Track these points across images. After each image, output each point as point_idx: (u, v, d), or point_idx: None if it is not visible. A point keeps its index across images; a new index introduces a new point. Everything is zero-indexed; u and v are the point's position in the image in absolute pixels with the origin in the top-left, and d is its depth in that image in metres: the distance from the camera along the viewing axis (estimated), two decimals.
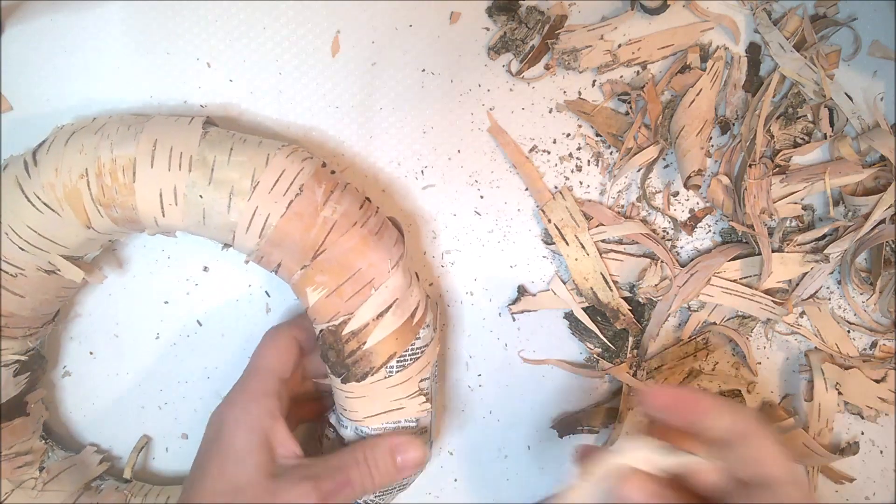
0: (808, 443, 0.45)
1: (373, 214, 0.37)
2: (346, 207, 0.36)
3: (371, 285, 0.36)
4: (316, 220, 0.35)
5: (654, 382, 0.46)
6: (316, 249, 0.36)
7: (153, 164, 0.35)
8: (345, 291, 0.36)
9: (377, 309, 0.36)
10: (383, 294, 0.36)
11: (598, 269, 0.44)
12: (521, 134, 0.43)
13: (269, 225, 0.35)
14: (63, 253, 0.37)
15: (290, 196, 0.35)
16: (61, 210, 0.35)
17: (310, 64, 0.42)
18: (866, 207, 0.43)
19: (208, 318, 0.44)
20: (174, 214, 0.35)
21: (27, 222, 0.35)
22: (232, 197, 0.35)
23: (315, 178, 0.36)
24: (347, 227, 0.36)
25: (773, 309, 0.44)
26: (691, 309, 0.46)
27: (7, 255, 0.36)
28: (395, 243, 0.38)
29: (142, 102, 0.41)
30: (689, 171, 0.42)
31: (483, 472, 0.47)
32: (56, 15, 0.40)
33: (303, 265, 0.36)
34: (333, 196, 0.36)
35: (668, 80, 0.43)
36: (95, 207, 0.35)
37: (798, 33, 0.43)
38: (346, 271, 0.36)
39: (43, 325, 0.40)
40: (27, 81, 0.41)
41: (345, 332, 0.36)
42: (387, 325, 0.36)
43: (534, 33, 0.42)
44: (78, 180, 0.35)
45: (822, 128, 0.44)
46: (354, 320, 0.36)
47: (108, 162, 0.35)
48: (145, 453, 0.45)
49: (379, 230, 0.37)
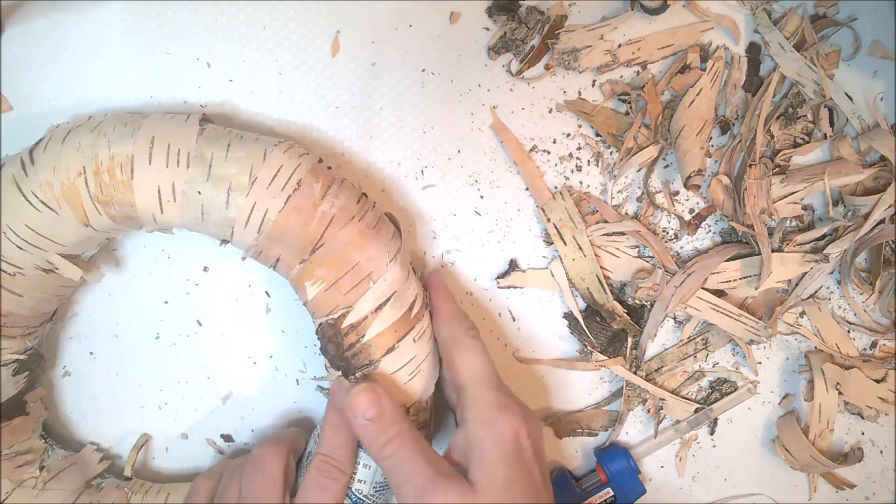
0: (813, 454, 0.45)
1: (370, 209, 0.37)
2: (344, 202, 0.36)
3: (369, 278, 0.36)
4: (314, 214, 0.35)
5: (653, 383, 0.46)
6: (314, 244, 0.36)
7: (151, 160, 0.35)
8: (343, 285, 0.36)
9: (376, 302, 0.36)
10: (381, 287, 0.36)
11: (593, 271, 0.44)
12: (521, 134, 0.43)
13: (267, 220, 0.35)
14: (61, 251, 0.37)
15: (289, 191, 0.35)
16: (59, 208, 0.35)
17: (310, 64, 0.42)
18: (866, 207, 0.43)
19: (208, 318, 0.44)
20: (173, 211, 0.35)
21: (25, 221, 0.35)
22: (230, 193, 0.35)
23: (312, 173, 0.36)
24: (345, 221, 0.36)
25: (757, 330, 0.44)
26: (677, 320, 0.46)
27: (5, 254, 0.36)
28: (393, 237, 0.38)
29: (142, 102, 0.41)
30: (689, 171, 0.42)
31: None
32: (56, 15, 0.40)
33: (301, 259, 0.36)
34: (331, 191, 0.36)
35: (668, 80, 0.43)
36: (94, 205, 0.35)
37: (798, 33, 0.43)
38: (344, 265, 0.36)
39: (41, 324, 0.40)
40: (27, 81, 0.41)
41: (344, 326, 0.36)
42: (385, 318, 0.37)
43: (534, 33, 0.42)
44: (76, 178, 0.35)
45: (822, 128, 0.44)
46: (353, 313, 0.36)
47: (105, 159, 0.35)
48: (145, 452, 0.45)
49: (377, 224, 0.37)
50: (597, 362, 0.45)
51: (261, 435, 0.46)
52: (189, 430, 0.45)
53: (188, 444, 0.45)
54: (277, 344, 0.45)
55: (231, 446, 0.46)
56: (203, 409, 0.45)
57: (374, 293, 0.36)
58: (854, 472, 0.48)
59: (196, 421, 0.45)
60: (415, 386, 0.38)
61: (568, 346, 0.46)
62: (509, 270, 0.45)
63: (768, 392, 0.47)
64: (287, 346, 0.45)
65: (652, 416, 0.47)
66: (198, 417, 0.45)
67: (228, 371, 0.45)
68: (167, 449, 0.45)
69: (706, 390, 0.47)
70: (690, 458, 0.48)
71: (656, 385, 0.46)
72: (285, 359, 0.45)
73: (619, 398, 0.46)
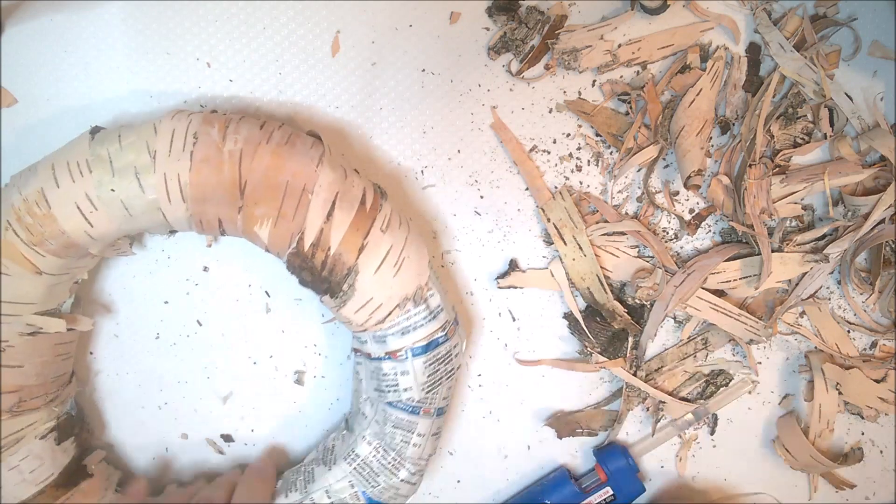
0: (813, 455, 0.45)
1: (276, 129, 0.37)
2: (247, 133, 0.36)
3: (305, 192, 0.36)
4: (222, 158, 0.35)
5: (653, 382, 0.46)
6: (239, 185, 0.35)
7: (58, 184, 0.35)
8: (287, 212, 0.36)
9: (323, 210, 0.36)
10: (321, 194, 0.36)
11: (594, 271, 0.44)
12: (521, 134, 0.43)
13: (184, 184, 0.35)
14: (36, 310, 0.37)
15: (189, 148, 0.35)
16: (7, 269, 0.35)
17: (310, 64, 0.42)
18: (866, 207, 0.43)
19: (208, 318, 0.44)
20: (100, 220, 0.35)
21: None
22: (139, 177, 0.35)
23: (205, 122, 0.36)
24: (255, 150, 0.35)
25: (757, 330, 0.44)
26: (677, 320, 0.46)
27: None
28: (312, 146, 0.37)
29: (142, 102, 0.41)
30: (689, 171, 0.42)
31: (483, 472, 0.47)
32: (56, 15, 0.40)
33: (238, 207, 0.36)
34: (230, 129, 0.36)
35: (668, 80, 0.43)
36: (32, 250, 0.35)
37: (798, 33, 0.43)
38: (276, 192, 0.35)
39: (61, 388, 0.40)
40: (27, 81, 0.41)
41: (306, 249, 0.36)
42: (341, 222, 0.36)
43: (534, 33, 0.42)
44: (6, 233, 0.35)
45: (822, 128, 0.44)
46: (308, 232, 0.36)
47: (21, 204, 0.35)
48: (145, 452, 0.45)
49: (288, 140, 0.37)
50: (597, 364, 0.45)
51: (261, 434, 0.46)
52: (189, 430, 0.45)
53: (188, 444, 0.45)
54: (277, 344, 0.45)
55: (231, 446, 0.46)
56: (203, 409, 0.45)
57: (316, 203, 0.36)
58: (854, 472, 0.48)
59: (196, 421, 0.45)
60: (407, 274, 0.37)
61: (568, 346, 0.46)
62: (509, 270, 0.45)
63: (768, 392, 0.47)
64: (287, 346, 0.45)
65: (651, 415, 0.47)
66: (198, 417, 0.45)
67: (228, 371, 0.45)
68: (167, 449, 0.45)
69: (702, 385, 0.47)
70: (690, 458, 0.48)
71: (656, 385, 0.46)
72: (285, 359, 0.45)
73: (619, 398, 0.46)
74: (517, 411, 0.46)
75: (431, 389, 0.39)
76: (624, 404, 0.46)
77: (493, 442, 0.47)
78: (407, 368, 0.38)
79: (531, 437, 0.47)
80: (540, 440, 0.47)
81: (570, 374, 0.46)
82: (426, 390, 0.39)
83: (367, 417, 0.40)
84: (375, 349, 0.39)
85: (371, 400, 0.40)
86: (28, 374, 0.37)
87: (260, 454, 0.46)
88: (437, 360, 0.39)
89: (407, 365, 0.38)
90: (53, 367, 0.39)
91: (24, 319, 0.37)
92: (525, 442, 0.47)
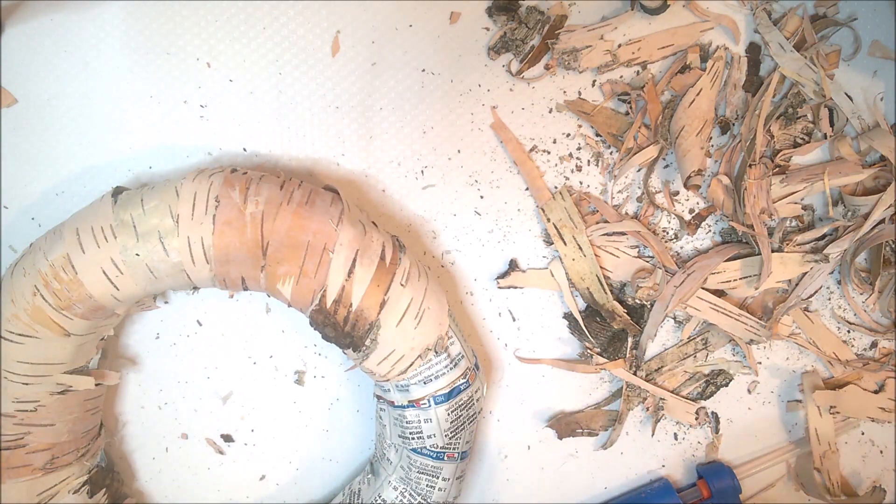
0: (833, 494, 0.46)
1: (296, 188, 0.37)
2: (267, 194, 0.36)
3: (326, 250, 0.36)
4: (244, 220, 0.36)
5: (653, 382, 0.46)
6: (262, 246, 0.36)
7: (84, 249, 0.35)
8: (308, 270, 0.36)
9: (344, 268, 0.36)
10: (342, 252, 0.36)
11: (593, 271, 0.44)
12: (521, 134, 0.43)
13: (207, 247, 0.35)
14: (65, 370, 0.38)
15: (212, 211, 0.36)
16: (36, 332, 0.36)
17: (310, 64, 0.42)
18: (866, 207, 0.43)
19: (208, 318, 0.44)
20: (126, 283, 0.36)
21: (16, 359, 0.36)
22: (163, 241, 0.35)
23: (226, 184, 0.36)
24: (276, 211, 0.36)
25: (757, 330, 0.45)
26: (677, 320, 0.46)
27: (18, 394, 0.37)
28: (332, 203, 0.38)
29: (142, 102, 0.41)
30: (689, 171, 0.42)
31: (483, 472, 0.47)
32: (56, 15, 0.40)
33: (261, 266, 0.36)
34: (251, 191, 0.36)
35: (668, 80, 0.43)
36: (60, 314, 0.36)
37: (798, 33, 0.43)
38: (297, 251, 0.36)
39: (91, 441, 0.41)
40: (27, 81, 0.41)
41: (329, 305, 0.36)
42: (362, 279, 0.37)
43: (534, 33, 0.42)
44: (34, 299, 0.36)
45: (822, 128, 0.44)
46: (330, 290, 0.36)
47: (48, 269, 0.36)
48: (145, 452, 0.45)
49: (308, 199, 0.37)
50: (597, 365, 0.45)
51: (261, 435, 0.46)
52: (189, 430, 0.45)
53: (188, 444, 0.45)
54: (277, 344, 0.45)
55: (231, 446, 0.46)
56: (203, 409, 0.45)
57: (337, 261, 0.36)
58: (854, 472, 0.48)
59: (196, 421, 0.45)
60: (427, 325, 0.38)
61: (568, 346, 0.46)
62: (509, 270, 0.45)
63: (768, 392, 0.47)
64: (287, 346, 0.45)
65: (651, 414, 0.47)
66: (198, 417, 0.45)
67: (228, 371, 0.45)
68: (167, 449, 0.45)
69: (702, 385, 0.47)
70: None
71: (656, 385, 0.46)
72: (285, 359, 0.45)
73: (619, 398, 0.46)
74: (517, 411, 0.47)
75: (455, 435, 0.40)
76: (624, 404, 0.46)
77: (493, 442, 0.47)
78: (430, 416, 0.39)
79: (531, 437, 0.47)
80: (540, 440, 0.47)
81: (571, 375, 0.46)
82: (450, 436, 0.39)
83: (392, 463, 0.41)
84: (398, 397, 0.39)
85: (395, 446, 0.41)
86: (60, 431, 0.38)
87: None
88: (460, 406, 0.39)
89: (430, 413, 0.39)
90: (83, 422, 0.40)
91: (55, 379, 0.37)
92: (525, 442, 0.47)
